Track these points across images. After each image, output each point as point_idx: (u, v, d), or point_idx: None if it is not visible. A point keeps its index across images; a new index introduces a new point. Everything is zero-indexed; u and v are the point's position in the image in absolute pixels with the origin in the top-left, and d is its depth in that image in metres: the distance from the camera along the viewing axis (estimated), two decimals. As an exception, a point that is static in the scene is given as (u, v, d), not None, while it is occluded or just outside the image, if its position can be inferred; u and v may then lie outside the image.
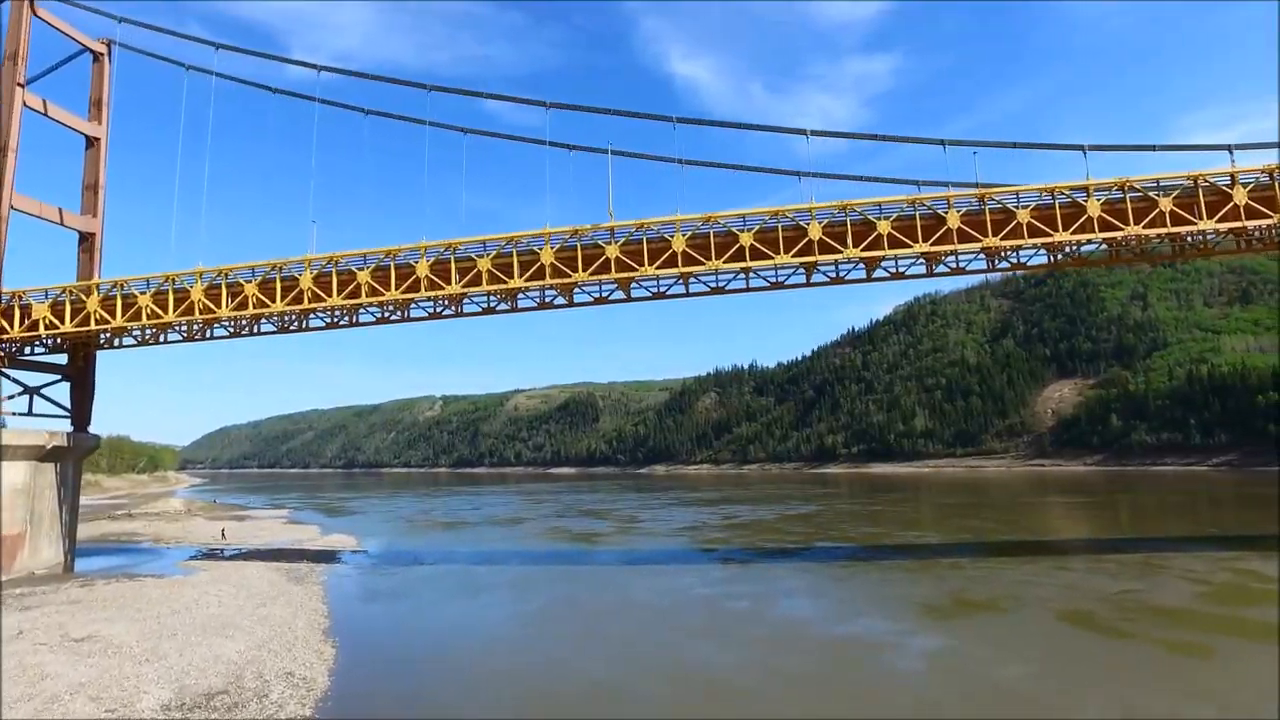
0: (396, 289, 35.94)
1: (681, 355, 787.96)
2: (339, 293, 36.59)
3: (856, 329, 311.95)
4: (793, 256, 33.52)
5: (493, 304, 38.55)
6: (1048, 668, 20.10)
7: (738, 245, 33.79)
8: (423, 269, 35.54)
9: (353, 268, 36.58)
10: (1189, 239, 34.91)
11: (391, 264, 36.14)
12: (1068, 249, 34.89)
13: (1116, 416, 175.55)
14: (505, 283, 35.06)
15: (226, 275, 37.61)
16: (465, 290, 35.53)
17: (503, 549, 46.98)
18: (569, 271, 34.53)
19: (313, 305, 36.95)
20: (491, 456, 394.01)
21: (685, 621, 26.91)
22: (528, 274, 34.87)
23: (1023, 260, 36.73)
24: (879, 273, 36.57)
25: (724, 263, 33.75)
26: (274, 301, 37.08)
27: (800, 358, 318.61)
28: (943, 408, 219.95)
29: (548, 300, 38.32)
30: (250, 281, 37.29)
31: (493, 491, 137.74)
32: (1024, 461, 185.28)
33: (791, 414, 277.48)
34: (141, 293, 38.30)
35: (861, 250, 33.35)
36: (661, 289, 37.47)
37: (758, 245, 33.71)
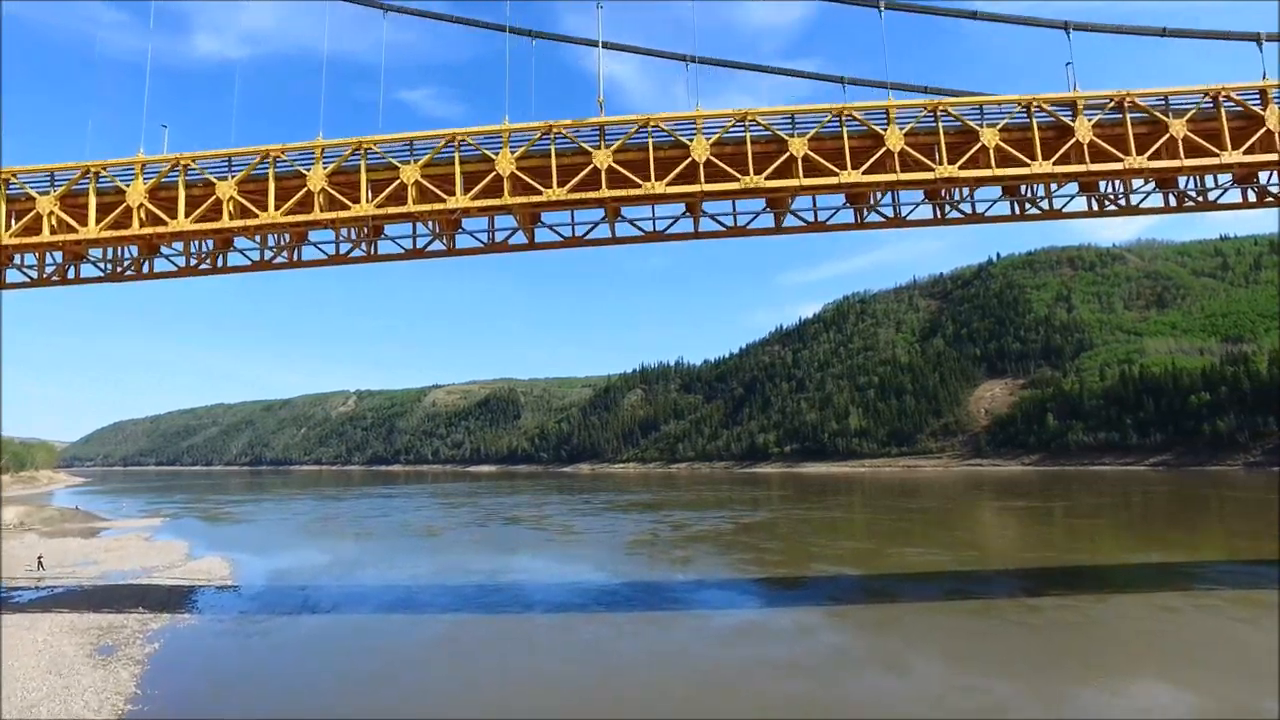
0: (278, 209, 24.02)
1: (602, 352, 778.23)
2: (189, 215, 24.36)
3: (785, 327, 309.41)
4: (863, 174, 23.36)
5: (421, 241, 27.04)
6: None
7: (785, 155, 23.44)
8: (318, 179, 23.71)
9: (211, 176, 24.46)
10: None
11: (270, 170, 24.19)
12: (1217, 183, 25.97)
13: (1053, 416, 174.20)
14: (442, 201, 23.67)
15: (6, 183, 24.78)
16: (382, 212, 23.87)
17: (422, 583, 35.06)
18: (538, 187, 23.40)
19: (149, 231, 24.61)
20: (408, 454, 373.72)
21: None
22: (476, 189, 23.59)
23: (1136, 202, 27.64)
24: (953, 213, 26.96)
25: (765, 179, 23.32)
26: (84, 226, 24.52)
27: (728, 355, 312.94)
28: (876, 406, 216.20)
29: (500, 239, 27.09)
30: (47, 194, 24.63)
31: (405, 494, 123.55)
32: (961, 461, 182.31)
33: (721, 412, 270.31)
34: None
35: (958, 168, 23.48)
36: (659, 227, 26.77)
37: (814, 156, 23.44)
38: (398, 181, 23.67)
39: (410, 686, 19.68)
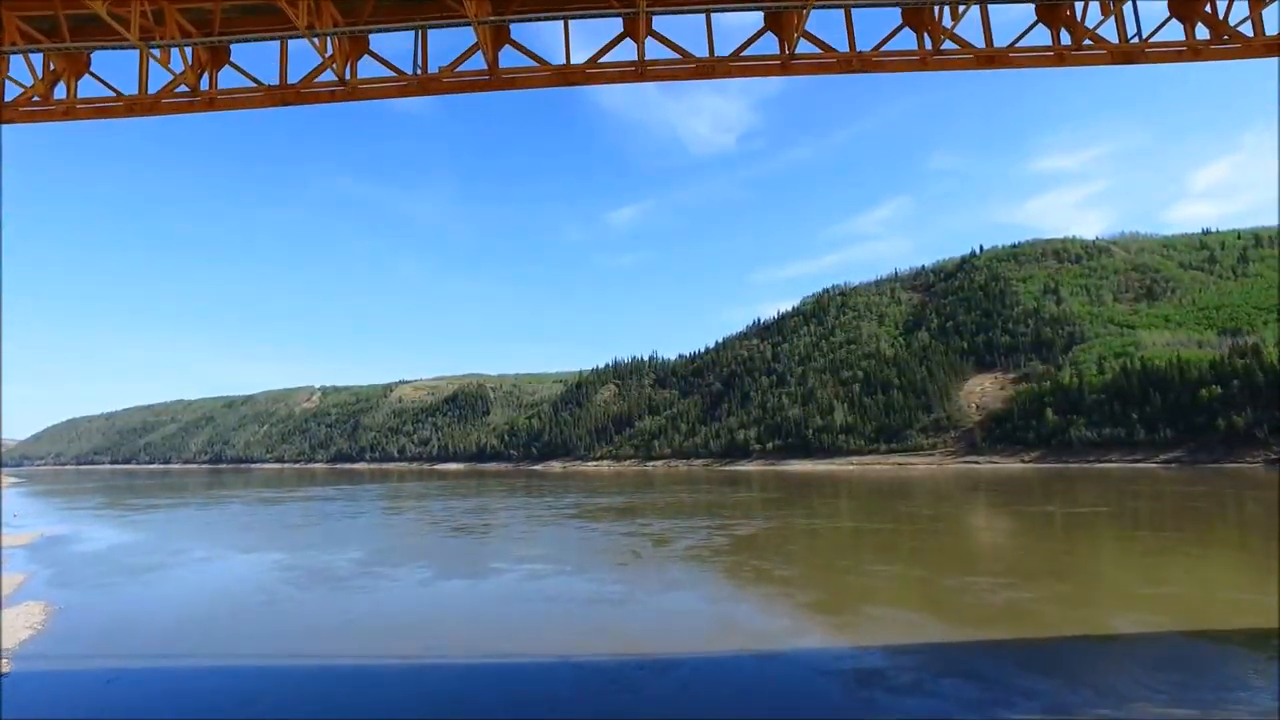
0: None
1: (573, 347, 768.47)
2: None
3: (763, 320, 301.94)
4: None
5: (299, 71, 14.70)
6: None
7: None
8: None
9: None
10: None
11: None
12: None
13: (1052, 411, 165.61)
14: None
15: None
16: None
17: (313, 656, 22.00)
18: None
19: None
20: (373, 451, 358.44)
21: None
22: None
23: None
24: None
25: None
26: None
27: (704, 349, 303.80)
28: (862, 401, 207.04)
29: (438, 70, 14.82)
30: None
31: (352, 496, 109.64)
32: (955, 458, 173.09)
33: (698, 408, 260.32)
34: None
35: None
36: (720, 51, 14.75)
37: None
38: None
39: None
